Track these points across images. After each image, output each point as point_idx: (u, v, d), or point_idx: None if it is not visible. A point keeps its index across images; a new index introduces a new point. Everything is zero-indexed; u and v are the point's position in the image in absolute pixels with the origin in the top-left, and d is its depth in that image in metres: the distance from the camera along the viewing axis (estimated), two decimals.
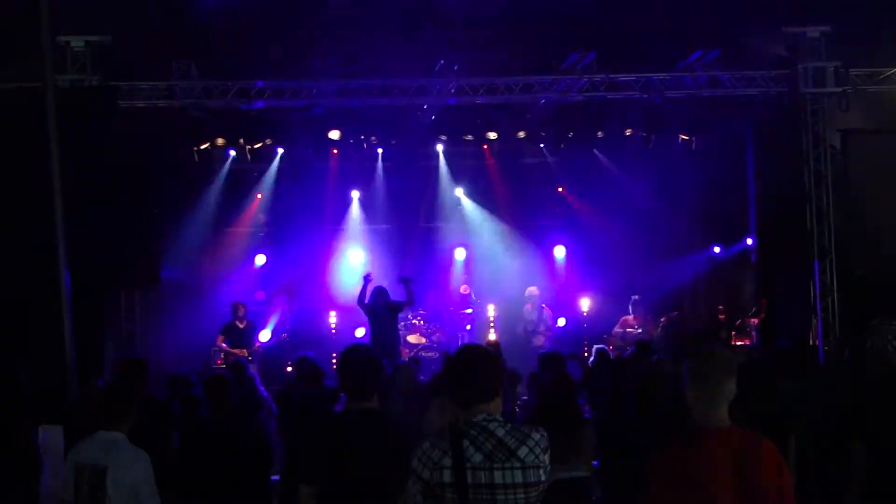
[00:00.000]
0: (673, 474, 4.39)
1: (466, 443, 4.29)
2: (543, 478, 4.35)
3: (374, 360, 5.49)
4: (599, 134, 18.30)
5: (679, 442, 4.53)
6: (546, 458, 4.37)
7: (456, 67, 14.93)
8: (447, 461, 4.28)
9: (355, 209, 20.00)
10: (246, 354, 15.90)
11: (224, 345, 16.10)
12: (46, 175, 9.03)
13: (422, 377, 12.39)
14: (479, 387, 4.41)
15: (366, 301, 15.57)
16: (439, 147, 19.27)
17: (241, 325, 16.39)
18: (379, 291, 15.57)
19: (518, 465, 4.29)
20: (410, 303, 15.88)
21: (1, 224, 13.08)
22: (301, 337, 17.97)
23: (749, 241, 17.52)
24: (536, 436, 4.40)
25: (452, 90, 15.23)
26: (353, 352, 5.53)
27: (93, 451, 6.01)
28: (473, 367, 4.46)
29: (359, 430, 5.17)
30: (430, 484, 4.31)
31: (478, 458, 4.27)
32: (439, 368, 11.98)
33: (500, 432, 4.34)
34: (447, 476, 4.27)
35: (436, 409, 4.15)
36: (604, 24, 14.20)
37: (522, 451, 4.32)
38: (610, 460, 7.60)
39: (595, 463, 7.84)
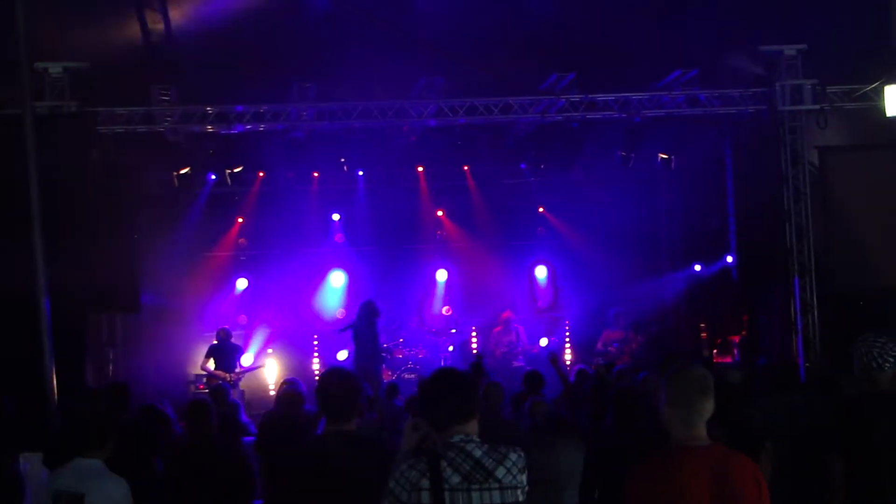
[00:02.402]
0: (652, 493, 4.39)
1: (444, 464, 4.29)
2: (521, 498, 4.36)
3: (353, 383, 5.47)
4: (579, 153, 18.32)
5: (658, 460, 4.54)
6: (524, 478, 4.38)
7: (435, 88, 14.95)
8: (425, 483, 4.27)
9: (337, 232, 19.97)
10: (228, 378, 15.87)
11: (209, 367, 16.09)
12: (26, 201, 9.02)
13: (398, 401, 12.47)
14: (454, 408, 4.41)
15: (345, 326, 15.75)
16: (420, 168, 19.28)
17: (225, 350, 16.37)
18: (366, 308, 15.63)
19: (496, 485, 4.29)
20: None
21: None
22: (283, 361, 17.95)
23: (729, 259, 17.57)
24: (514, 456, 4.40)
25: (432, 112, 15.25)
26: (332, 375, 5.53)
27: (70, 478, 5.96)
28: (448, 388, 4.47)
29: (337, 454, 5.15)
30: None
31: (455, 479, 4.27)
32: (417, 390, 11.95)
33: (478, 453, 4.34)
34: (425, 497, 4.26)
35: (408, 429, 4.15)
36: (582, 45, 14.25)
37: (500, 472, 4.32)
38: (592, 480, 7.56)
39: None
